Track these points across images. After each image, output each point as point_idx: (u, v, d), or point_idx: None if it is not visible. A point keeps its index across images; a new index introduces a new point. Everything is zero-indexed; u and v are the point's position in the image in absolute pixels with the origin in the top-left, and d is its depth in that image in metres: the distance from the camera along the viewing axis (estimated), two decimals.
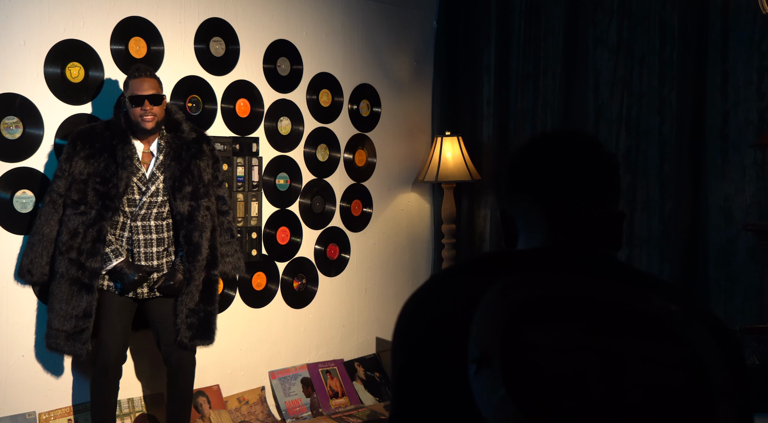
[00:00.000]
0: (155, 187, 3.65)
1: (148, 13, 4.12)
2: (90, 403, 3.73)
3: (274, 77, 4.71)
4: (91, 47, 3.92)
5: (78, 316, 3.50)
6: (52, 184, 3.58)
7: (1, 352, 3.71)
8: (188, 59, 4.30)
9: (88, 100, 3.92)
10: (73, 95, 3.87)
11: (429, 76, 5.68)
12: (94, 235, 3.52)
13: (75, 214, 3.53)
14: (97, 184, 3.54)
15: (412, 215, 5.64)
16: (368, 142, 5.29)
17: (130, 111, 3.59)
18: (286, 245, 4.84)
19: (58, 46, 3.81)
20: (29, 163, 3.75)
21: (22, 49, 3.70)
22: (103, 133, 3.61)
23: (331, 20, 5.00)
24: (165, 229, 3.72)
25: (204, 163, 3.79)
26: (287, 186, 4.82)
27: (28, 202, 3.74)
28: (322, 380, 4.93)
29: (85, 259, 3.51)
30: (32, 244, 3.57)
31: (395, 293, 5.52)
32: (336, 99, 5.06)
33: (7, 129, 3.67)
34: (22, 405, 3.77)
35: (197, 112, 4.33)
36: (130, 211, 3.63)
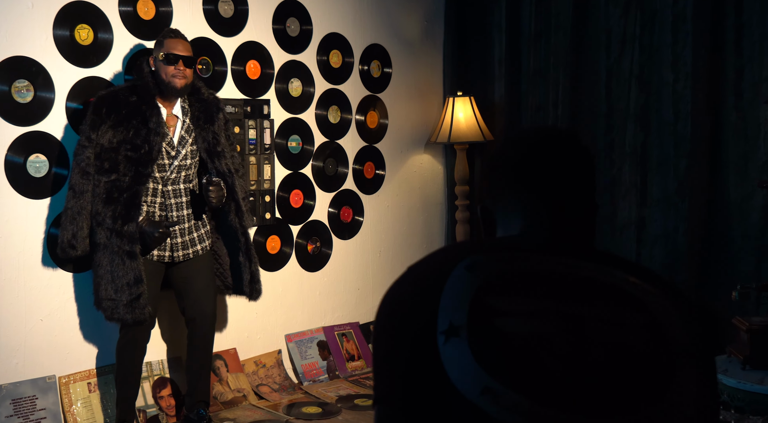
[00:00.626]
0: (185, 151, 3.64)
1: None
2: (116, 365, 3.74)
3: (284, 38, 4.66)
4: (100, 9, 3.88)
5: (130, 283, 3.49)
6: (81, 154, 3.52)
7: (20, 317, 3.71)
8: (197, 20, 4.26)
9: (98, 63, 3.89)
10: (82, 58, 3.83)
11: (440, 36, 5.62)
12: (128, 201, 3.50)
13: (107, 182, 3.50)
14: (128, 150, 3.51)
15: (425, 177, 5.61)
16: (380, 103, 5.25)
17: (162, 69, 3.56)
18: (299, 208, 4.82)
19: (67, 7, 3.77)
20: (41, 127, 3.72)
21: (30, 12, 3.66)
22: (128, 98, 3.57)
23: None
24: (192, 192, 3.72)
25: (221, 123, 3.80)
26: (299, 148, 4.79)
27: (41, 166, 3.72)
28: (338, 343, 4.93)
29: (121, 226, 3.49)
30: (71, 218, 3.52)
31: (410, 256, 5.50)
32: (346, 60, 5.02)
33: (18, 92, 3.64)
34: (42, 369, 3.77)
35: (207, 74, 4.30)
36: (160, 177, 3.61)
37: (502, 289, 1.20)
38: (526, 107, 5.29)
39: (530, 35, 5.23)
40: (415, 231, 5.55)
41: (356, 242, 5.16)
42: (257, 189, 4.54)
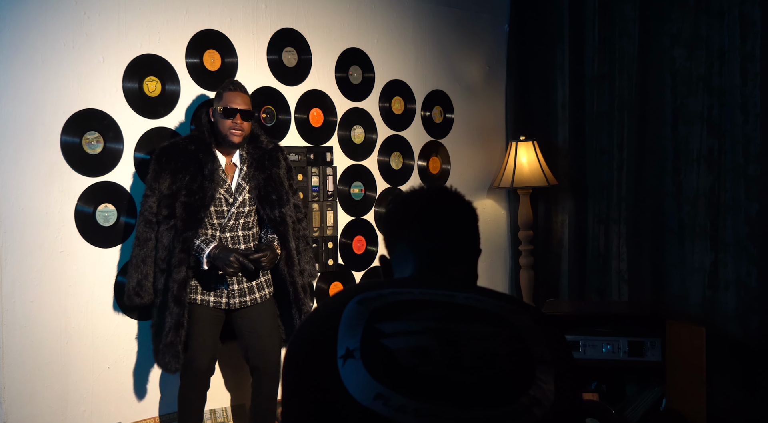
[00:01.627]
0: (242, 198, 3.68)
1: (221, 25, 4.16)
2: (177, 414, 3.75)
3: (347, 86, 4.70)
4: (167, 61, 3.97)
5: (170, 328, 3.52)
6: (145, 204, 3.61)
7: (88, 364, 3.76)
8: (261, 70, 4.32)
9: (166, 114, 3.97)
10: (150, 109, 3.92)
11: (502, 81, 5.62)
12: (180, 246, 3.54)
13: (167, 229, 3.57)
14: (184, 196, 3.57)
15: (488, 222, 5.57)
16: (442, 148, 5.25)
17: (220, 122, 3.62)
18: (362, 254, 4.82)
19: (136, 61, 3.86)
20: (110, 177, 3.80)
21: (101, 66, 3.76)
22: (186, 147, 3.64)
23: (402, 27, 4.98)
24: (251, 239, 3.74)
25: (282, 172, 3.82)
26: (362, 195, 4.81)
27: (110, 215, 3.80)
28: None
29: (176, 271, 3.54)
30: (136, 266, 3.60)
31: None
32: (408, 106, 5.04)
33: (88, 144, 3.73)
34: (109, 416, 3.81)
35: (271, 122, 4.35)
36: (218, 223, 3.65)
37: (388, 316, 1.45)
38: (591, 150, 5.23)
39: (594, 78, 5.19)
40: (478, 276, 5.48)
41: None
42: (320, 235, 4.56)
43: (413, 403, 1.33)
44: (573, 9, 5.29)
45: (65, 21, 3.64)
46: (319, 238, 4.55)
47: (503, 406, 1.34)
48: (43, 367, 3.62)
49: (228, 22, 4.18)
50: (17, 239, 3.52)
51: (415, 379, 1.36)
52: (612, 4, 5.06)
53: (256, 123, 3.92)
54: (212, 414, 4.12)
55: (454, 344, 1.40)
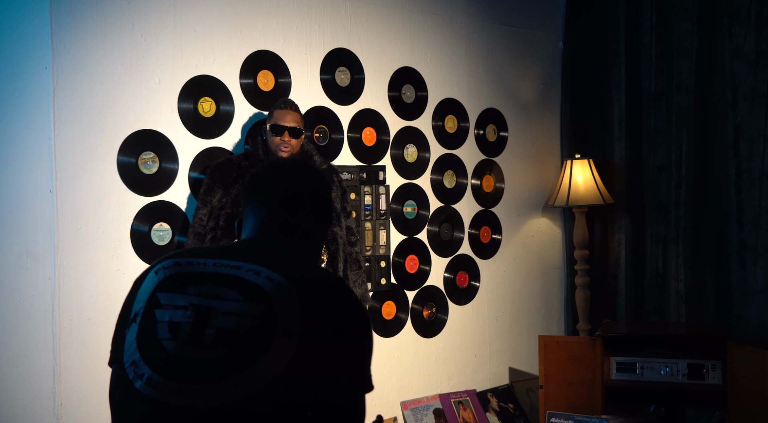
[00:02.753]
0: None
1: (275, 46, 4.19)
2: None
3: (400, 105, 4.70)
4: (222, 82, 4.01)
5: None
6: (196, 216, 3.66)
7: None
8: (314, 90, 4.35)
9: (220, 134, 4.01)
10: (205, 129, 3.96)
11: (556, 98, 5.56)
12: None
13: (210, 240, 3.60)
14: (228, 207, 3.60)
15: (543, 241, 5.51)
16: (496, 167, 5.21)
17: (270, 139, 3.66)
18: (415, 273, 4.80)
19: (191, 82, 3.91)
20: (166, 197, 3.85)
21: (157, 87, 3.82)
22: (240, 163, 3.69)
23: (456, 45, 4.97)
24: None
25: (334, 193, 3.81)
26: (415, 214, 4.79)
27: (165, 234, 3.84)
28: (455, 411, 4.83)
29: None
30: None
31: (528, 322, 5.39)
32: (462, 124, 5.01)
33: (144, 164, 3.79)
34: None
35: (324, 141, 4.37)
36: None
37: (169, 287, 1.60)
38: (648, 168, 5.14)
39: (651, 94, 5.11)
40: (533, 296, 5.43)
41: (473, 308, 5.09)
42: (373, 255, 4.55)
43: (155, 376, 1.50)
44: (629, 25, 5.22)
45: (122, 44, 3.71)
46: (371, 257, 4.54)
47: (228, 378, 1.47)
48: (99, 384, 3.66)
49: (282, 42, 4.22)
50: (74, 258, 3.58)
51: (159, 353, 1.52)
52: (669, 20, 4.98)
53: (311, 144, 3.94)
54: None
55: (204, 321, 1.54)
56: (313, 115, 4.32)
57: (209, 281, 1.60)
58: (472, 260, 5.10)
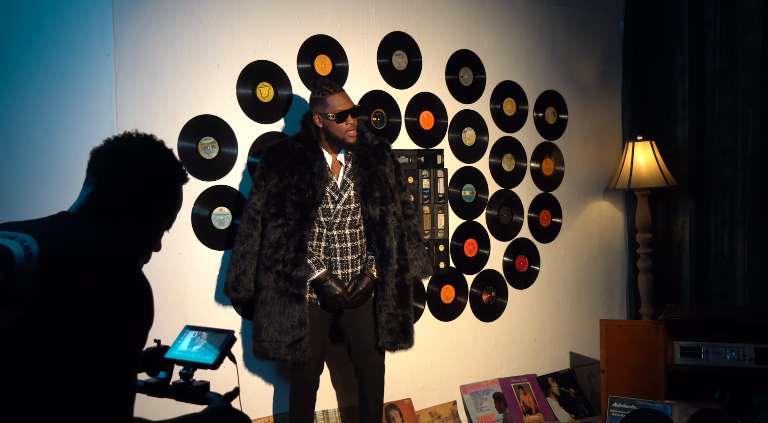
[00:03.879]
0: (347, 195, 3.69)
1: (332, 30, 4.20)
2: (289, 413, 3.81)
3: (457, 88, 4.68)
4: (280, 67, 4.04)
5: (294, 326, 3.57)
6: (249, 201, 3.69)
7: None
8: (371, 74, 4.35)
9: (278, 118, 4.04)
10: (263, 114, 4.00)
11: (617, 80, 5.47)
12: (296, 244, 3.59)
13: (275, 226, 3.62)
14: (293, 195, 3.61)
15: (604, 224, 5.43)
16: (555, 150, 5.15)
17: (335, 127, 3.61)
18: (473, 257, 4.78)
19: (249, 67, 3.95)
20: (225, 181, 3.90)
21: (216, 72, 3.86)
22: (293, 146, 3.69)
23: (514, 27, 4.92)
24: (358, 237, 3.75)
25: (388, 169, 3.80)
26: (473, 197, 4.77)
27: (225, 218, 3.89)
28: (515, 395, 4.81)
29: (291, 269, 3.58)
30: (235, 261, 3.67)
31: (588, 306, 5.32)
32: (520, 107, 4.97)
33: (204, 149, 3.84)
34: None
35: (382, 126, 4.37)
36: (325, 221, 3.68)
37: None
38: (713, 150, 5.03)
39: (715, 75, 5.00)
40: (594, 280, 5.36)
41: (532, 292, 5.05)
42: (431, 238, 4.54)
43: None
44: (693, 4, 5.11)
45: (182, 30, 3.76)
46: (430, 240, 4.53)
47: None
48: None
49: (338, 27, 4.23)
50: None
51: None
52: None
53: (362, 121, 3.93)
54: (325, 414, 4.16)
55: None
56: (370, 99, 4.33)
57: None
58: (532, 244, 5.05)
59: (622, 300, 5.55)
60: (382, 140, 3.87)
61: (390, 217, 3.74)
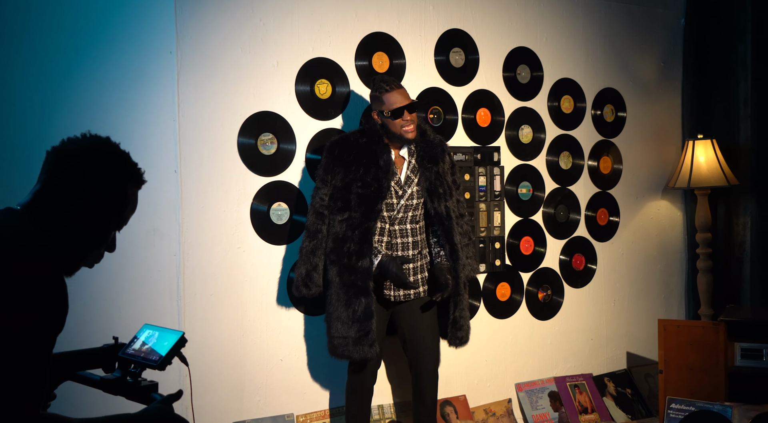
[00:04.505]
0: (411, 190, 3.71)
1: (390, 28, 4.23)
2: (345, 407, 3.84)
3: (514, 85, 4.67)
4: (338, 64, 4.08)
5: (360, 319, 3.58)
6: (315, 196, 3.71)
7: (262, 356, 3.91)
8: (429, 71, 4.36)
9: (336, 115, 4.08)
10: (321, 111, 4.04)
11: (677, 77, 5.40)
12: (361, 238, 3.60)
13: (341, 220, 3.65)
14: (359, 188, 3.64)
15: (662, 224, 5.37)
16: (613, 148, 5.10)
17: (392, 124, 3.63)
18: (530, 255, 4.76)
19: (308, 64, 3.99)
20: (283, 177, 3.95)
21: (275, 70, 3.92)
22: (358, 140, 3.71)
23: (572, 24, 4.89)
24: (419, 232, 3.76)
25: (447, 166, 3.81)
26: (530, 195, 4.75)
27: (283, 214, 3.94)
28: (571, 395, 4.77)
29: (356, 261, 3.59)
30: (305, 258, 3.69)
31: (646, 306, 5.27)
32: (578, 105, 4.93)
33: (263, 145, 3.89)
34: (282, 407, 3.95)
35: (438, 123, 4.38)
36: (387, 216, 3.70)
37: None
38: None
39: None
40: (652, 280, 5.30)
41: (589, 291, 5.01)
42: (487, 236, 4.54)
43: None
44: (756, 0, 5.02)
45: (242, 28, 3.82)
46: (485, 238, 4.53)
47: None
48: (222, 357, 3.80)
49: (396, 24, 4.25)
50: (197, 236, 3.72)
51: None
52: None
53: (422, 117, 3.94)
54: (380, 409, 4.19)
55: None
56: (427, 96, 4.34)
57: None
58: (589, 243, 5.02)
59: (681, 300, 5.47)
60: (441, 138, 3.88)
61: (452, 212, 3.76)
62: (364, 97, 4.13)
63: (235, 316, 3.84)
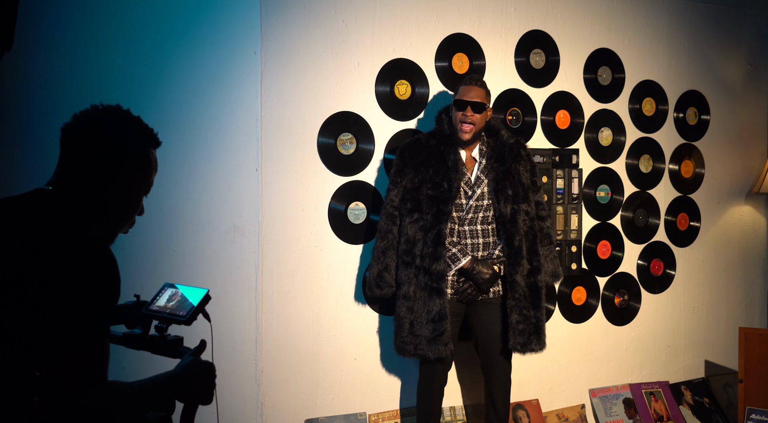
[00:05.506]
0: (480, 191, 3.70)
1: (471, 29, 4.21)
2: (416, 407, 3.85)
3: (595, 87, 4.61)
4: (418, 65, 4.08)
5: (434, 319, 3.58)
6: (387, 198, 3.75)
7: (336, 354, 3.95)
8: (508, 72, 4.34)
9: (414, 116, 4.08)
10: (400, 111, 4.05)
11: (764, 80, 5.27)
12: (434, 238, 3.61)
13: (411, 222, 3.66)
14: (428, 189, 3.64)
15: (745, 230, 5.24)
16: (695, 151, 5.00)
17: (453, 114, 3.67)
18: (606, 259, 4.70)
19: (388, 65, 4.01)
20: (361, 177, 3.97)
21: (356, 70, 3.94)
22: (428, 141, 3.73)
23: (656, 25, 4.80)
24: (490, 234, 3.74)
25: (523, 168, 3.78)
26: (608, 198, 4.68)
27: (360, 213, 3.97)
28: (646, 402, 4.70)
29: (429, 263, 3.60)
30: (377, 258, 3.73)
31: (726, 314, 5.15)
32: (660, 107, 4.84)
33: (342, 145, 3.93)
34: (354, 405, 3.99)
35: (517, 124, 4.35)
36: (457, 217, 3.70)
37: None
38: None
39: None
40: (733, 287, 5.18)
41: (667, 297, 4.92)
42: (564, 239, 4.49)
43: None
44: None
45: (325, 29, 3.85)
46: (562, 241, 4.49)
47: None
48: (296, 354, 3.85)
49: (477, 25, 4.24)
50: (276, 234, 3.77)
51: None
52: None
53: (499, 118, 3.92)
54: (452, 411, 4.19)
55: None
56: (506, 97, 4.32)
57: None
58: (668, 248, 4.92)
59: (763, 309, 5.33)
60: (518, 139, 3.86)
61: (521, 215, 3.71)
62: (443, 98, 4.13)
63: (311, 314, 3.89)
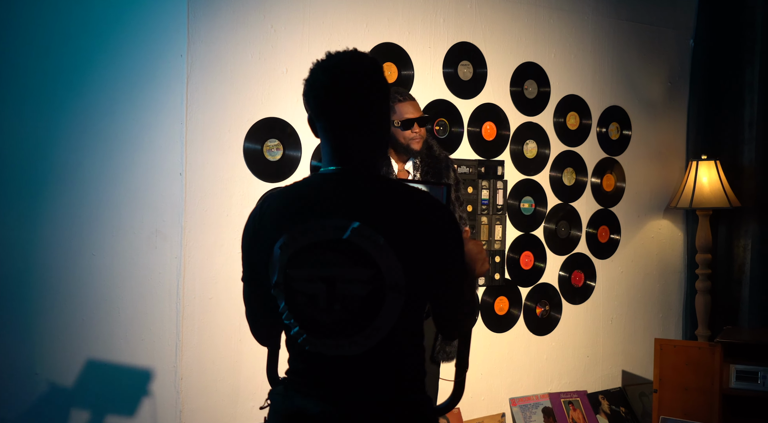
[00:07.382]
0: None
1: (400, 38, 4.24)
2: None
3: (521, 100, 4.68)
4: None
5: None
6: None
7: (258, 362, 3.88)
8: (437, 83, 4.37)
9: None
10: None
11: (684, 97, 5.42)
12: None
13: None
14: None
15: (663, 243, 5.38)
16: (617, 165, 5.12)
17: (400, 134, 3.64)
18: (529, 270, 4.77)
19: None
20: (287, 183, 3.94)
21: (284, 76, 3.92)
22: None
23: (581, 41, 4.91)
24: None
25: (452, 183, 3.82)
26: (532, 210, 4.76)
27: None
28: (564, 411, 4.78)
29: None
30: None
31: (644, 325, 5.27)
32: (584, 121, 4.94)
33: (269, 151, 3.90)
34: None
35: (444, 135, 4.39)
36: None
37: (296, 264, 1.78)
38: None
39: None
40: (650, 299, 5.31)
41: (587, 307, 5.02)
42: (487, 249, 4.55)
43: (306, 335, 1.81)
44: (766, 23, 5.03)
45: (254, 34, 3.83)
46: (486, 251, 4.54)
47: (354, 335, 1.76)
48: (217, 361, 3.80)
49: (406, 35, 4.26)
50: (199, 239, 3.73)
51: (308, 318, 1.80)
52: None
53: (428, 129, 3.95)
54: None
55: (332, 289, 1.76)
56: (434, 108, 4.35)
57: (324, 249, 1.77)
58: (589, 259, 5.03)
59: (678, 320, 5.48)
60: (446, 155, 3.89)
61: None
62: None
63: (233, 321, 3.84)
